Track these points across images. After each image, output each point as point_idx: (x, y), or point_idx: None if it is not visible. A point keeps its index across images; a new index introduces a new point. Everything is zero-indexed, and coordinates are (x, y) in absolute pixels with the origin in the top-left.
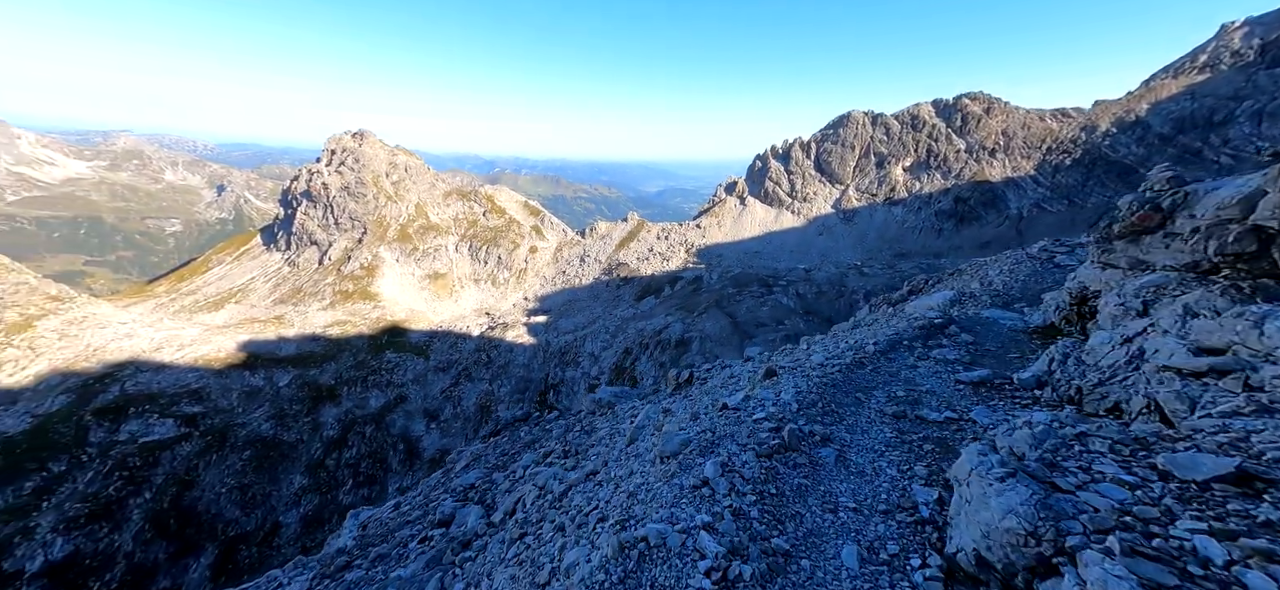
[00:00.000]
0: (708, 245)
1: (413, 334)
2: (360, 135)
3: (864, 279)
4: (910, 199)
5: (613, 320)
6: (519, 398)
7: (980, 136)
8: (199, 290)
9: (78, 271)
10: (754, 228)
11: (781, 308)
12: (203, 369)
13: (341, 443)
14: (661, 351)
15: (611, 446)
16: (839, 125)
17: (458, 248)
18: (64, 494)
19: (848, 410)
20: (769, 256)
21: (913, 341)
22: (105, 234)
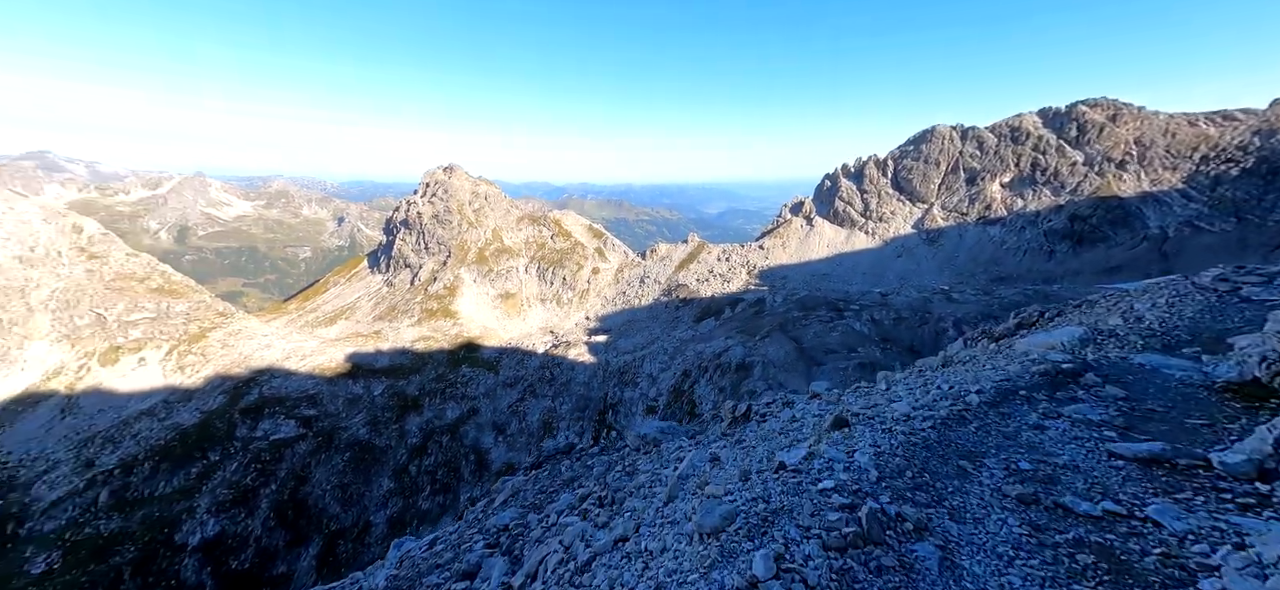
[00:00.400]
0: (771, 267)
1: (485, 350)
2: (450, 169)
3: (953, 305)
4: (1011, 218)
5: (671, 341)
6: (578, 416)
7: (1105, 146)
8: (319, 308)
9: (238, 292)
10: (822, 249)
11: (854, 334)
12: (318, 377)
13: (422, 450)
14: (721, 375)
15: (649, 500)
16: (921, 141)
17: (527, 269)
18: (217, 480)
19: (950, 486)
20: (839, 279)
21: (1033, 391)
22: (258, 260)
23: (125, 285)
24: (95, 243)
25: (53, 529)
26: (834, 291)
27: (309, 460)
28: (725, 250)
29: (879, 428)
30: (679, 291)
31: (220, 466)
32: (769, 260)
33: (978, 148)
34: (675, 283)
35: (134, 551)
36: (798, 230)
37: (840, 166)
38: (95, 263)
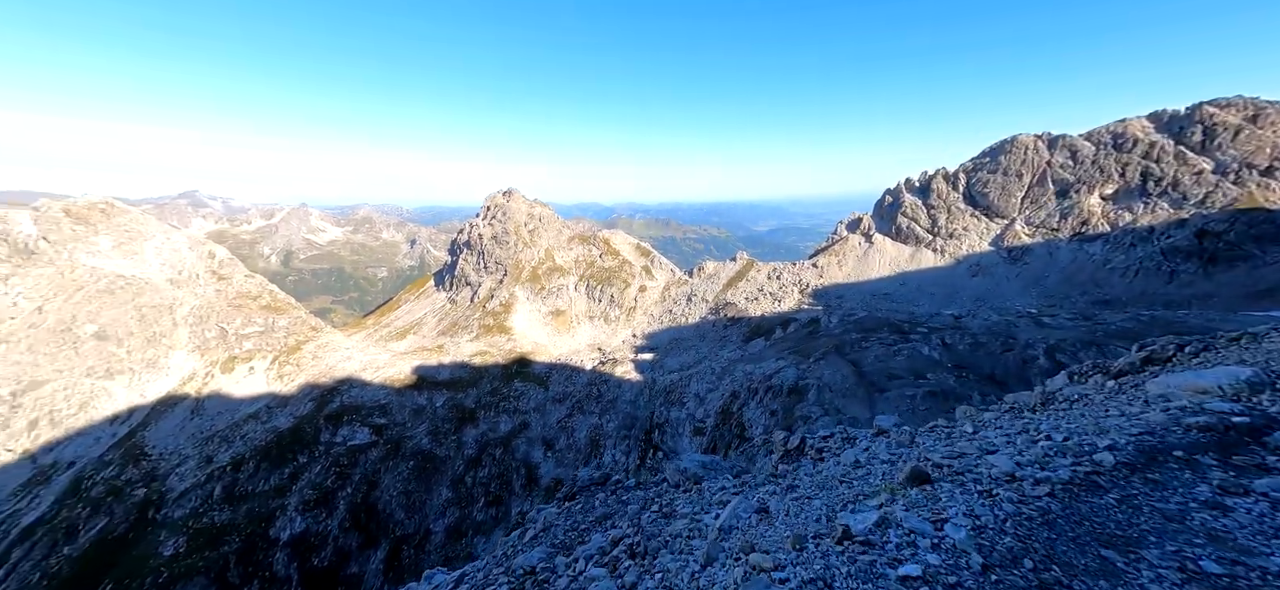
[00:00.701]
0: (825, 286)
1: (536, 365)
2: (508, 193)
3: (1044, 330)
4: (1116, 234)
5: (719, 361)
6: (625, 434)
7: (1244, 152)
8: (391, 323)
9: (327, 308)
10: (883, 267)
11: (922, 359)
12: (388, 388)
13: (477, 462)
14: (772, 398)
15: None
16: (999, 152)
17: (576, 287)
18: (304, 481)
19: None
20: (903, 299)
21: (1195, 453)
22: (344, 280)
23: (243, 302)
24: (223, 266)
25: (180, 516)
26: (897, 312)
27: (379, 467)
28: (775, 268)
29: (974, 489)
30: (727, 310)
31: (307, 468)
32: (823, 279)
33: (1070, 157)
34: (723, 301)
35: (238, 542)
36: (855, 248)
37: (902, 181)
38: (222, 283)
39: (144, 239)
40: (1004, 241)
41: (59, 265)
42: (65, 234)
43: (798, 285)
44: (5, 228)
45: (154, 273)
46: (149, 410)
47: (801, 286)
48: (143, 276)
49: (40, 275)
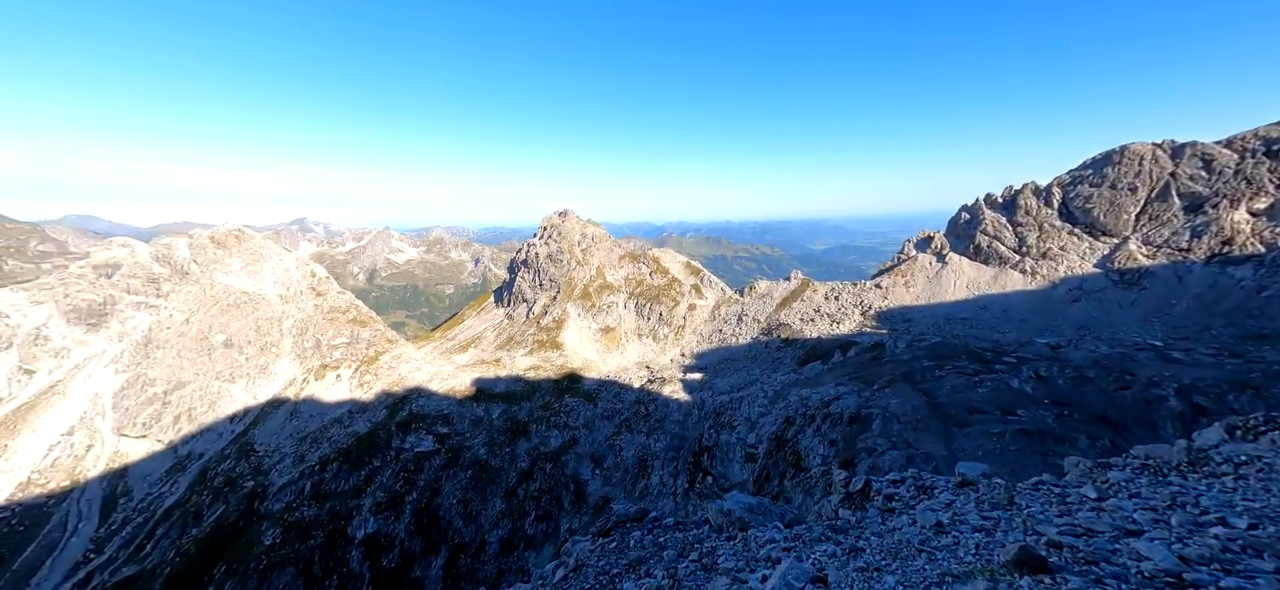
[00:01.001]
0: (891, 308)
1: (586, 381)
2: (564, 214)
3: (1172, 367)
4: (1273, 255)
5: (772, 384)
6: (673, 456)
7: None
8: (455, 337)
9: (402, 323)
10: (959, 290)
11: (1010, 392)
12: (451, 398)
13: (529, 475)
14: (831, 427)
15: None
16: (1104, 164)
17: (626, 304)
18: (377, 484)
19: None
20: (984, 325)
21: None
22: (417, 296)
23: (334, 316)
24: (320, 284)
25: (278, 509)
26: (977, 339)
27: (440, 474)
28: (834, 288)
29: None
30: (780, 331)
31: (380, 472)
32: (888, 301)
33: (1203, 168)
34: (776, 322)
35: (322, 537)
36: (925, 268)
37: (981, 197)
38: (319, 299)
39: (264, 260)
40: (1114, 262)
41: (202, 283)
42: (208, 257)
43: (858, 307)
44: (169, 253)
45: (269, 289)
46: (259, 411)
47: (863, 308)
48: (260, 293)
49: (189, 292)
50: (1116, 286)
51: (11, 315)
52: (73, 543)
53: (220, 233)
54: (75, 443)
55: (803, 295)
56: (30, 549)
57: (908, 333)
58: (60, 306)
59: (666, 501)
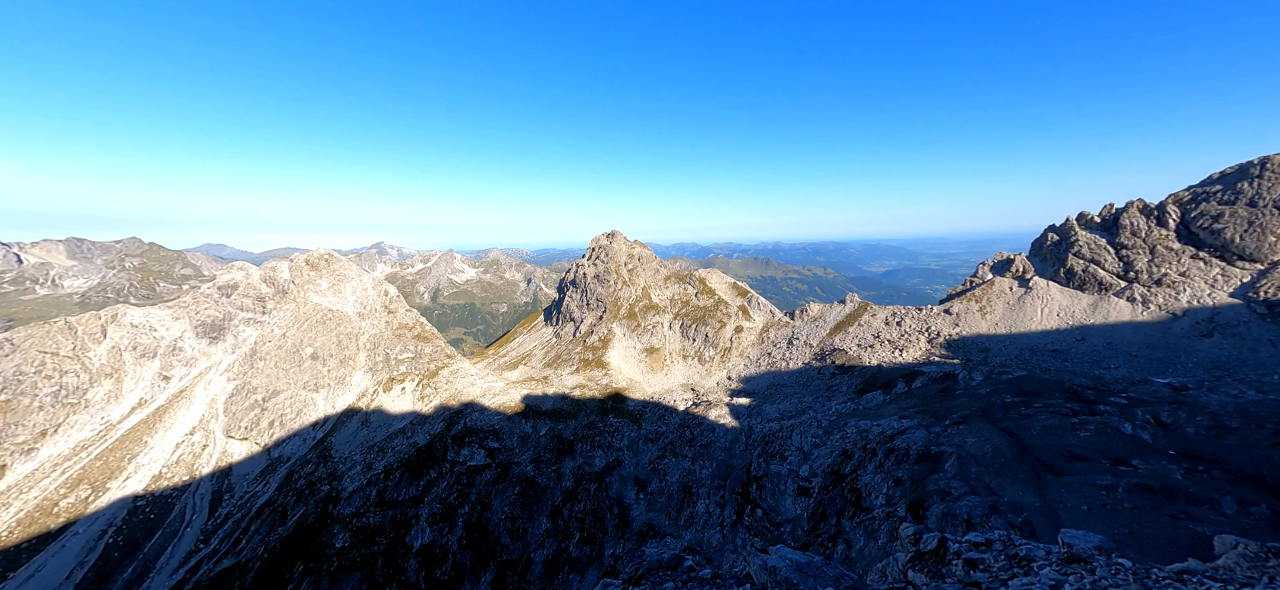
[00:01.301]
0: (963, 336)
1: (630, 402)
2: (612, 235)
3: None
4: None
5: (826, 413)
6: (720, 484)
7: None
8: (507, 354)
9: (459, 339)
10: (1047, 318)
11: (1121, 439)
12: (501, 414)
13: (574, 495)
14: (896, 464)
15: None
16: (1240, 177)
17: (671, 325)
18: (433, 495)
19: None
20: (1081, 359)
21: None
22: (474, 314)
23: (402, 332)
24: (392, 302)
25: (348, 514)
26: (1074, 375)
27: (490, 489)
28: (895, 313)
29: None
30: (835, 357)
31: (436, 483)
32: (960, 328)
33: None
34: (830, 346)
35: (384, 544)
36: (1004, 293)
37: (1075, 216)
38: (390, 316)
39: (346, 281)
40: (1259, 292)
41: (298, 301)
42: (303, 278)
43: (925, 333)
44: (273, 275)
45: (349, 307)
46: (336, 419)
47: (930, 335)
48: (342, 310)
49: (287, 309)
50: (1263, 320)
51: (158, 329)
52: (188, 532)
53: (313, 256)
54: (195, 442)
55: (860, 319)
56: (157, 536)
57: (985, 364)
58: (191, 322)
59: (713, 533)
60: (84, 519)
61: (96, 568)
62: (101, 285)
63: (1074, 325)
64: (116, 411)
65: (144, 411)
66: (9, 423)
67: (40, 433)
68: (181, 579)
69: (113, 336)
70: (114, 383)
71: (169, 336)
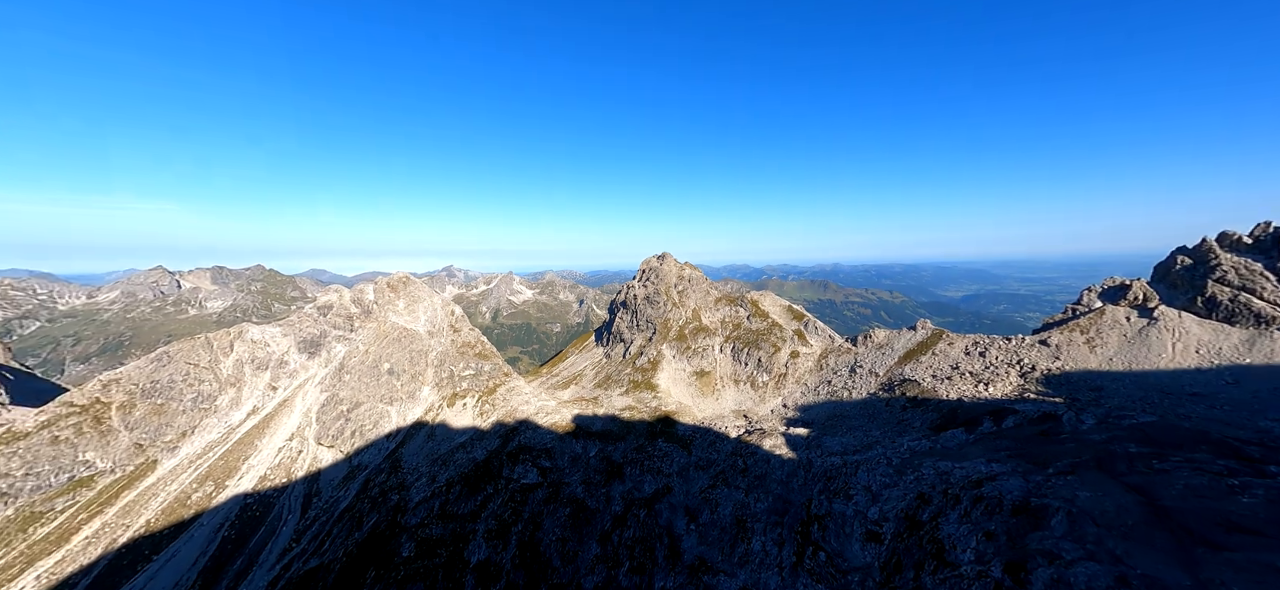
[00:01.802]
0: (1066, 371)
1: (680, 426)
2: (662, 257)
3: None
4: None
5: (897, 450)
6: (777, 521)
7: None
8: (559, 374)
9: (516, 358)
10: (1182, 355)
11: None
12: (553, 433)
13: (623, 521)
14: (985, 514)
15: None
16: None
17: (722, 348)
18: (489, 511)
19: None
20: (1234, 406)
21: None
22: (530, 333)
23: (465, 350)
24: (458, 321)
25: (414, 524)
26: (1225, 424)
27: (542, 509)
28: (977, 342)
29: None
30: (905, 388)
31: (492, 499)
32: (1061, 362)
33: None
34: (899, 376)
35: (444, 556)
36: (1120, 324)
37: (1215, 236)
38: (455, 335)
39: (419, 302)
40: None
41: (378, 319)
42: (385, 299)
43: (1015, 366)
44: (361, 296)
45: (420, 326)
46: (407, 431)
47: (1022, 368)
48: (414, 329)
49: (369, 328)
50: None
51: (270, 344)
52: (283, 531)
53: (393, 279)
54: (292, 447)
55: (934, 348)
56: (260, 532)
57: (1098, 405)
58: (295, 338)
59: (771, 576)
60: (208, 512)
61: (214, 557)
62: (233, 306)
63: (1222, 365)
64: (236, 417)
65: (256, 418)
66: (161, 423)
67: (182, 433)
68: (277, 575)
69: (237, 351)
70: (236, 391)
71: (278, 351)
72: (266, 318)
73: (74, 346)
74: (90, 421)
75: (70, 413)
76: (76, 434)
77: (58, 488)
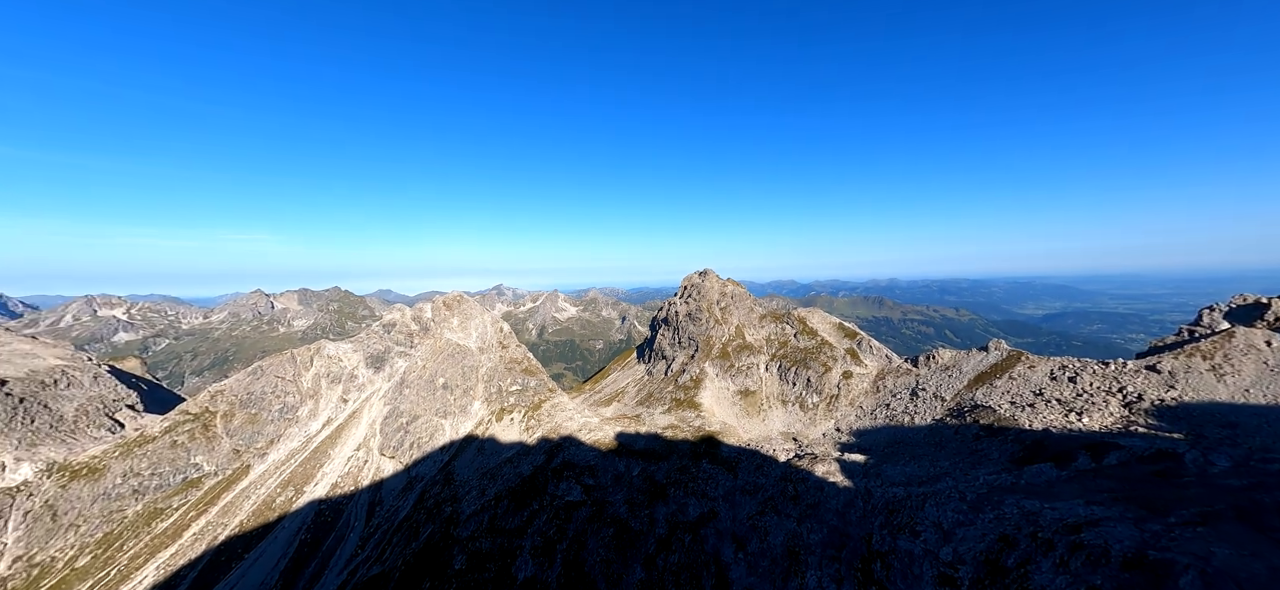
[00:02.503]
0: (1185, 402)
1: (724, 447)
2: (704, 273)
3: None
4: None
5: (971, 484)
6: (834, 556)
7: None
8: (602, 390)
9: (560, 374)
10: None
11: None
12: (596, 450)
13: (668, 545)
14: (1088, 566)
15: None
16: None
17: (767, 367)
18: (535, 527)
19: None
20: None
21: None
22: (574, 350)
23: (512, 366)
24: (506, 338)
25: (465, 536)
26: None
27: (586, 527)
28: (1066, 366)
29: None
30: (978, 414)
31: (538, 515)
32: (1179, 392)
33: None
34: (970, 402)
35: (493, 571)
36: (1255, 348)
37: None
38: (504, 351)
39: (471, 319)
40: None
41: (435, 336)
42: (441, 317)
43: (1117, 394)
44: (420, 315)
45: (472, 343)
46: (459, 444)
47: (1125, 397)
48: (466, 345)
49: (427, 344)
50: None
51: (342, 360)
52: (351, 537)
53: (449, 298)
54: (359, 457)
55: (1011, 371)
56: (330, 537)
57: (1232, 444)
58: (364, 354)
59: None
60: (289, 515)
61: (293, 559)
62: (314, 325)
63: None
64: (313, 427)
65: (329, 428)
66: (254, 431)
67: (270, 441)
68: (345, 579)
69: (316, 366)
70: (314, 403)
71: (349, 366)
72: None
73: (192, 361)
74: (200, 428)
75: (186, 420)
76: (190, 439)
77: (175, 487)
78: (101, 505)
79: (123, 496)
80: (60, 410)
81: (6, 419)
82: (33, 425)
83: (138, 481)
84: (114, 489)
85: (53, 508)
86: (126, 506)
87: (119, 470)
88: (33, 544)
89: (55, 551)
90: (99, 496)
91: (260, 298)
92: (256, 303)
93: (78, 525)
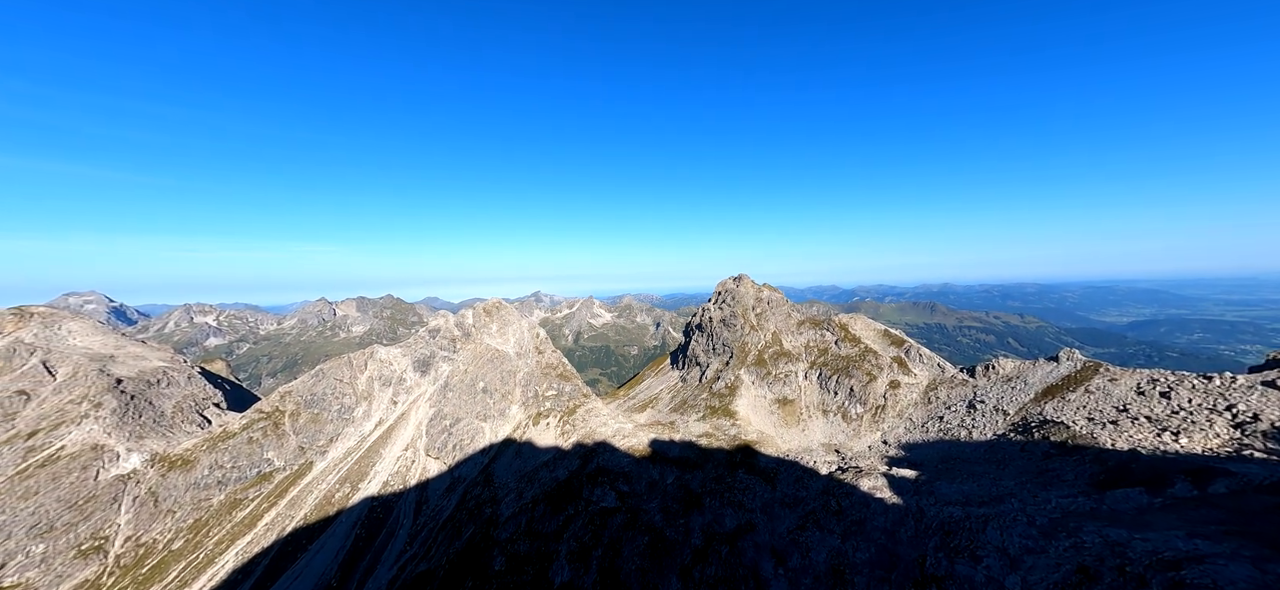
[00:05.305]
0: None
1: (761, 458)
2: (738, 278)
3: None
4: None
5: (1040, 507)
6: (883, 577)
7: None
8: (635, 396)
9: (595, 380)
10: None
11: None
12: (630, 456)
13: (704, 556)
14: None
15: None
16: None
17: (806, 375)
18: (571, 532)
19: None
20: None
21: None
22: (608, 356)
23: (548, 371)
24: (542, 344)
25: (504, 538)
26: None
27: (621, 534)
28: (1156, 379)
29: None
30: (1048, 431)
31: (574, 520)
32: None
33: None
34: (1038, 417)
35: (531, 574)
36: None
37: None
38: (540, 356)
39: (510, 325)
40: None
41: (475, 342)
42: (481, 323)
43: (1224, 414)
44: (463, 321)
45: (510, 348)
46: (498, 447)
47: (1236, 417)
48: (504, 350)
49: (469, 349)
50: None
51: (393, 364)
52: (400, 533)
53: (489, 305)
54: (407, 457)
55: (1088, 384)
56: (382, 533)
57: None
58: (412, 359)
59: None
60: (346, 510)
61: (350, 552)
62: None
63: None
64: (367, 427)
65: (380, 429)
66: (316, 430)
67: (330, 439)
68: (395, 574)
69: (369, 369)
70: (368, 405)
71: (398, 370)
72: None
73: (268, 363)
74: (271, 426)
75: (260, 418)
76: (263, 436)
77: (250, 479)
78: (192, 494)
79: (209, 486)
80: (161, 406)
81: (121, 413)
82: (140, 420)
83: (221, 473)
84: (203, 479)
85: (155, 494)
86: (212, 496)
87: (207, 462)
88: (139, 526)
89: (156, 534)
90: (191, 485)
91: (324, 305)
92: (320, 310)
93: (174, 511)
